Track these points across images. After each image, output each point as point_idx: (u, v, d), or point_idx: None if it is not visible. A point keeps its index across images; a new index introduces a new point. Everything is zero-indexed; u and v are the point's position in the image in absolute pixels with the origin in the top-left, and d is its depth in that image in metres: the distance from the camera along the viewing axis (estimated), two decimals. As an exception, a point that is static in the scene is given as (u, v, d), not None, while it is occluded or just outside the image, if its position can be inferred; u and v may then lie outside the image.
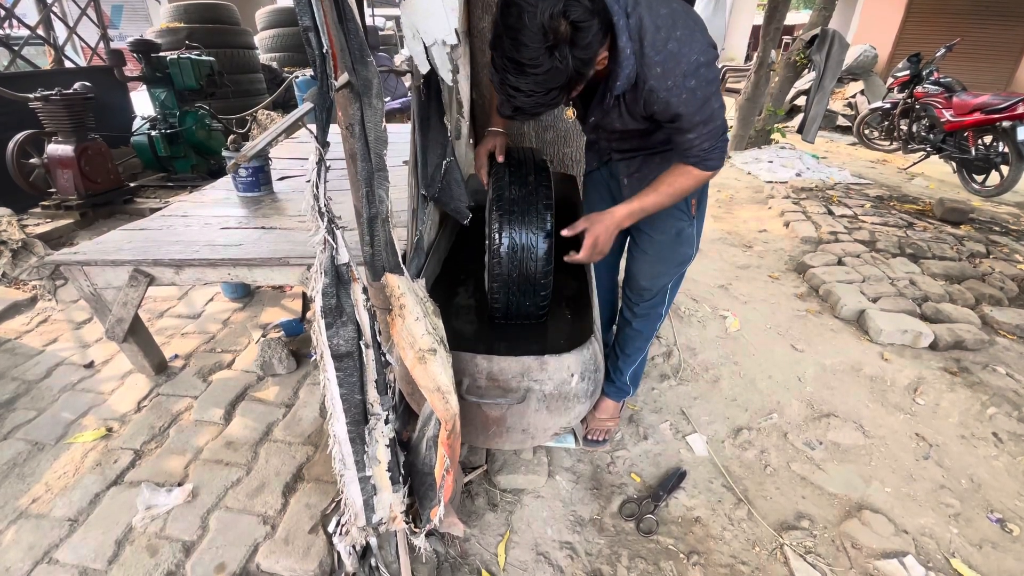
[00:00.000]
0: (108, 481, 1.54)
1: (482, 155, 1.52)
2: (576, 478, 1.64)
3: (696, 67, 1.02)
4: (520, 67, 0.92)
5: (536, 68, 0.91)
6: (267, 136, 0.72)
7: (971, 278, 2.88)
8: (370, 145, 0.83)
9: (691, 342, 2.33)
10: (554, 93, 0.97)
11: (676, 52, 1.01)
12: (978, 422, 1.93)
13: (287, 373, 1.97)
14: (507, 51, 0.92)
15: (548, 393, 1.19)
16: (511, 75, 0.94)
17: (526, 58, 0.90)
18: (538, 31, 0.88)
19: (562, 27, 0.88)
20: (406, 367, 1.25)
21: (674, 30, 1.01)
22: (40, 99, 2.98)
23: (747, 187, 4.68)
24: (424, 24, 0.94)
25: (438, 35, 0.96)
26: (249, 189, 2.24)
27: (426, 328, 0.95)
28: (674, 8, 1.04)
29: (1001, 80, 9.21)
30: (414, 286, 0.96)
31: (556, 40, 0.89)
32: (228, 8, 5.24)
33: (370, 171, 0.85)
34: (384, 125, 0.84)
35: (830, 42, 4.76)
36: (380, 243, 0.90)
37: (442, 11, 0.92)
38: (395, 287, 0.92)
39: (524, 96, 0.97)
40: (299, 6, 0.71)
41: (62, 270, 1.67)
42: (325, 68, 0.75)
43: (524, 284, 1.34)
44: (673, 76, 1.02)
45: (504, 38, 0.91)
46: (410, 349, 0.95)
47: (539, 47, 0.89)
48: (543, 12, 0.86)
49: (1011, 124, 4.14)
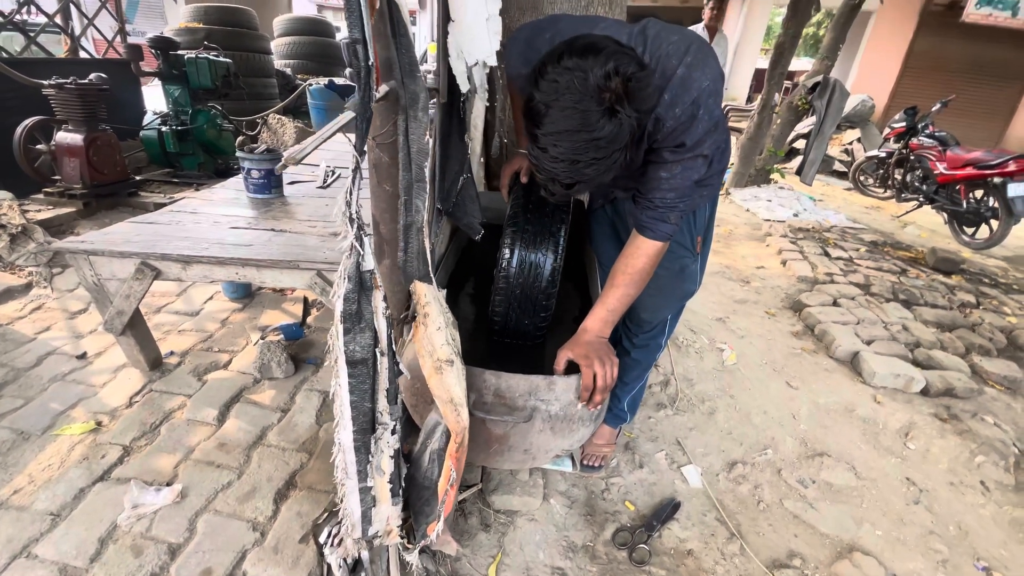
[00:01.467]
0: (94, 476, 1.50)
1: (507, 174, 1.52)
2: (570, 503, 1.63)
3: (707, 95, 0.98)
4: (575, 135, 0.85)
5: (597, 132, 0.85)
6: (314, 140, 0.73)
7: (962, 327, 2.93)
8: (412, 156, 0.85)
9: (688, 372, 2.34)
10: (617, 155, 0.90)
11: (686, 77, 0.97)
12: (967, 470, 1.95)
13: (284, 377, 1.95)
14: (559, 123, 0.85)
15: (553, 414, 1.19)
16: (564, 148, 0.87)
17: (582, 125, 0.84)
18: (593, 93, 0.83)
19: (616, 84, 0.83)
20: (411, 379, 1.25)
21: (685, 55, 0.98)
22: (55, 86, 2.99)
23: (746, 223, 4.77)
24: (468, 45, 0.97)
25: (480, 56, 0.98)
26: (260, 191, 2.25)
27: (446, 338, 0.96)
28: (685, 35, 1.02)
29: (992, 138, 9.55)
30: (439, 295, 0.97)
31: (614, 98, 0.84)
32: (248, 13, 5.33)
33: (410, 181, 0.86)
34: (427, 138, 0.86)
35: (831, 90, 4.92)
36: (413, 251, 0.91)
37: (486, 35, 0.95)
38: (422, 295, 0.93)
39: (584, 166, 0.89)
40: (350, 18, 0.73)
41: (67, 258, 1.66)
42: (369, 80, 0.77)
43: (526, 303, 1.36)
44: (682, 104, 0.98)
45: (551, 110, 0.85)
46: (429, 358, 0.96)
47: (596, 110, 0.84)
48: (595, 72, 0.82)
49: (1002, 180, 4.28)
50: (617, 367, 1.16)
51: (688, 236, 1.42)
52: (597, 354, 1.13)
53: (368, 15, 0.75)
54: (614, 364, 1.15)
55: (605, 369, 1.12)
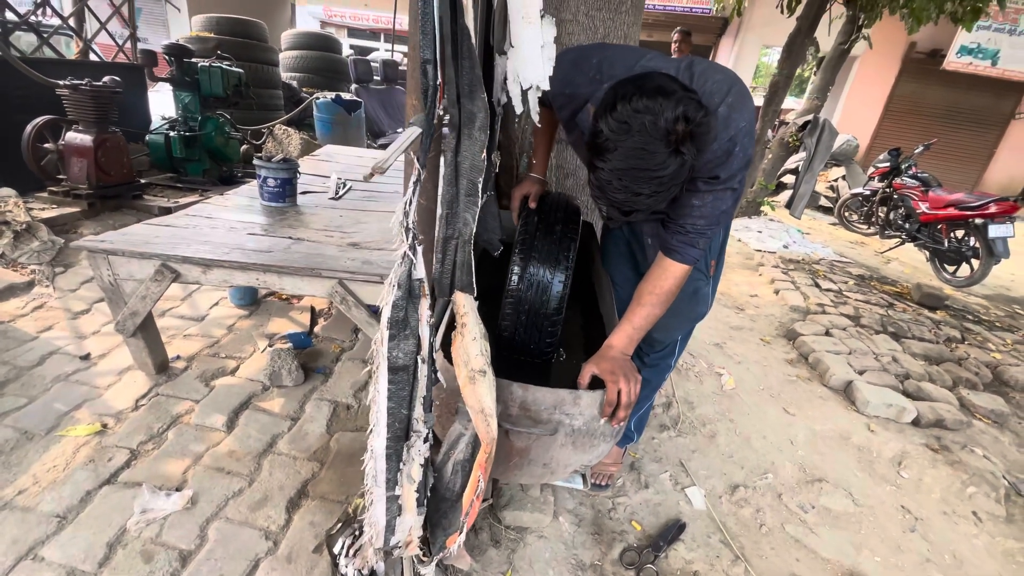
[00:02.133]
0: (101, 479, 1.48)
1: (517, 197, 1.56)
2: (579, 521, 1.64)
3: (743, 134, 1.06)
4: (643, 172, 0.92)
5: (664, 170, 0.91)
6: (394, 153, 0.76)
7: (948, 361, 3.03)
8: (462, 171, 0.89)
9: (689, 396, 2.38)
10: (675, 187, 0.97)
11: (726, 116, 1.04)
12: (959, 500, 2.00)
13: (294, 386, 1.94)
14: (627, 161, 0.91)
15: (577, 428, 1.21)
16: (630, 182, 0.93)
17: (653, 164, 0.91)
18: (662, 137, 0.89)
19: (682, 128, 0.89)
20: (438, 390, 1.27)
21: (727, 96, 1.05)
22: (69, 87, 2.99)
23: (738, 253, 4.89)
24: (524, 71, 1.03)
25: (534, 80, 1.04)
26: (275, 199, 2.27)
27: (480, 348, 0.98)
28: (728, 75, 1.10)
29: (970, 180, 9.97)
30: (475, 306, 1.00)
31: (679, 138, 0.90)
32: (258, 25, 5.41)
33: (454, 195, 0.90)
34: (483, 156, 0.90)
35: (821, 129, 5.13)
36: (450, 262, 0.95)
37: (540, 60, 1.01)
38: (461, 305, 0.96)
39: (646, 198, 0.96)
40: (424, 40, 0.78)
41: (85, 256, 1.66)
42: (435, 98, 0.81)
43: (533, 323, 1.39)
44: (720, 140, 1.05)
45: (620, 148, 0.91)
46: (464, 367, 0.98)
47: (665, 151, 0.90)
48: (665, 116, 0.88)
49: (983, 222, 4.47)
50: (640, 385, 1.19)
51: (703, 260, 1.48)
52: (623, 370, 1.15)
53: (439, 38, 0.80)
54: (638, 381, 1.18)
55: (630, 386, 1.15)
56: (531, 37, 0.98)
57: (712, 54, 12.23)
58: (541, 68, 1.02)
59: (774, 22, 5.07)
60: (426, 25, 0.77)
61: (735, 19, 10.77)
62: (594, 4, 2.04)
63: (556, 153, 2.30)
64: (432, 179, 1.24)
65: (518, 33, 0.98)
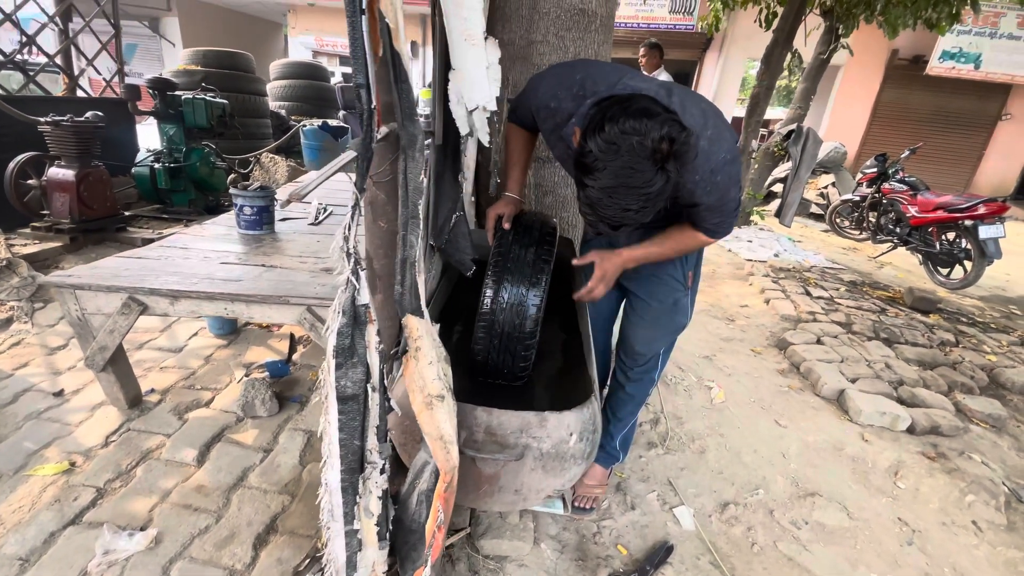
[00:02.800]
0: (66, 520, 1.44)
1: (491, 217, 1.55)
2: (562, 547, 1.59)
3: (724, 164, 1.12)
4: (632, 190, 0.97)
5: (651, 187, 0.97)
6: (317, 179, 0.75)
7: (943, 365, 2.99)
8: (409, 194, 0.87)
9: (678, 411, 2.34)
10: (659, 202, 1.03)
11: (707, 150, 1.10)
12: (958, 509, 1.94)
13: (268, 416, 1.90)
14: (617, 178, 0.97)
15: (545, 452, 1.18)
16: (619, 198, 0.99)
17: (641, 182, 0.96)
18: (649, 156, 0.94)
19: (667, 147, 0.95)
20: (401, 416, 1.24)
21: (705, 129, 1.10)
22: (50, 123, 3.02)
23: (728, 263, 4.87)
24: (469, 92, 1.02)
25: (480, 101, 1.04)
26: (252, 227, 2.27)
27: (438, 373, 0.96)
28: (704, 108, 1.15)
29: (961, 182, 10.01)
30: (432, 330, 0.97)
31: (663, 157, 0.96)
32: (245, 56, 5.49)
33: (407, 217, 0.88)
34: (422, 177, 0.89)
35: (805, 137, 5.15)
36: (407, 285, 0.93)
37: (486, 82, 1.00)
38: (414, 329, 0.94)
39: (633, 213, 1.02)
40: (355, 65, 0.77)
41: (52, 292, 1.63)
42: (371, 122, 0.80)
43: (508, 344, 1.36)
44: (702, 171, 1.11)
45: (609, 166, 0.96)
46: (419, 393, 0.95)
47: (652, 170, 0.96)
48: (652, 136, 0.93)
49: (973, 223, 4.46)
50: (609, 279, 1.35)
51: (680, 271, 1.48)
52: (611, 270, 1.33)
53: (372, 62, 0.79)
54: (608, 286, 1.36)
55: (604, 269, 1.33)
56: (475, 58, 0.98)
57: (698, 69, 12.40)
58: (487, 89, 1.02)
59: (758, 35, 5.14)
60: (356, 50, 0.76)
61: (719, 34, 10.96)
62: (563, 24, 2.06)
63: (534, 171, 2.29)
64: (392, 202, 1.23)
65: (461, 54, 0.98)
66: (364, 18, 0.75)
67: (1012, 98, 9.50)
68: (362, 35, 0.76)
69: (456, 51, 0.97)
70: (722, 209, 1.22)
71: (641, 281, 1.53)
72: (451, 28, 0.94)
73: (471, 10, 1.03)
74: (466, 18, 1.03)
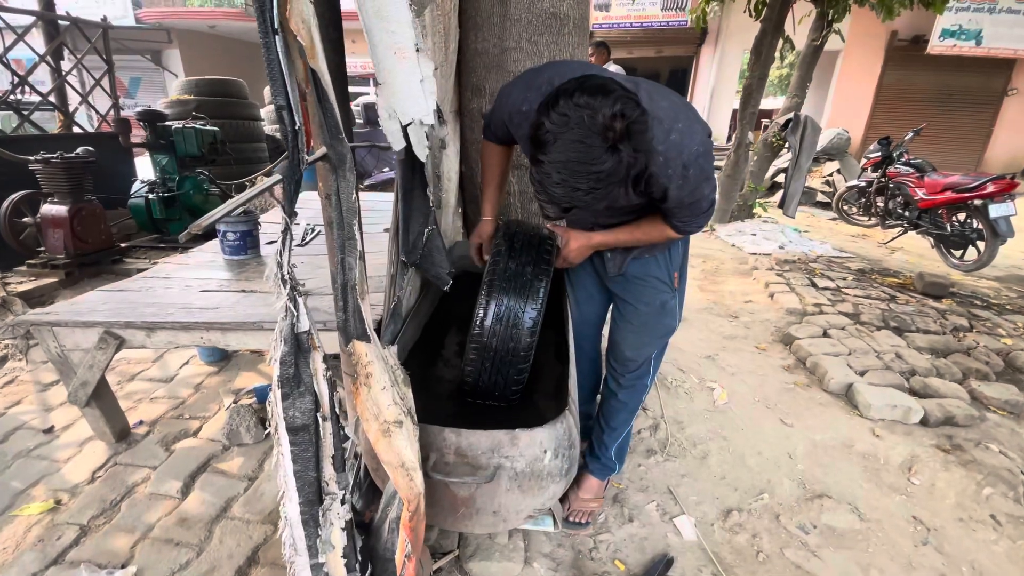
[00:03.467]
0: (48, 560, 1.42)
1: (474, 246, 1.59)
2: (556, 565, 1.53)
3: (695, 157, 1.09)
4: (581, 166, 0.94)
5: (600, 165, 0.93)
6: (226, 207, 0.73)
7: (956, 352, 2.87)
8: (344, 215, 0.84)
9: (678, 415, 2.27)
10: (613, 187, 0.99)
11: (678, 143, 1.07)
12: (975, 503, 1.85)
13: (254, 443, 1.88)
14: (565, 153, 0.94)
15: (520, 471, 1.13)
16: (567, 175, 0.96)
17: (589, 158, 0.93)
18: (599, 131, 0.91)
19: (620, 125, 0.92)
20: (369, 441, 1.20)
21: (675, 122, 1.07)
22: (40, 161, 3.06)
23: (731, 258, 4.78)
24: (401, 105, 0.99)
25: (415, 115, 1.00)
26: (236, 252, 2.26)
27: (393, 398, 0.92)
28: (673, 101, 1.12)
29: (970, 162, 9.78)
30: (384, 353, 0.94)
31: (616, 136, 0.92)
32: (237, 83, 5.56)
33: (343, 239, 0.85)
34: (355, 196, 0.86)
35: (803, 125, 5.06)
36: (349, 310, 0.89)
37: (421, 95, 0.97)
38: (362, 355, 0.90)
39: (583, 194, 0.98)
40: (274, 86, 0.74)
41: (31, 330, 1.63)
42: (296, 143, 0.77)
43: (501, 364, 1.31)
44: (674, 165, 1.08)
45: (558, 141, 0.93)
46: (374, 421, 0.91)
47: (602, 147, 0.92)
48: (603, 112, 0.90)
49: (983, 202, 4.32)
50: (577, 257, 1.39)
51: (666, 272, 1.44)
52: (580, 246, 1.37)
53: (291, 83, 0.76)
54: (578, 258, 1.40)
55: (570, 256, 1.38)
56: (406, 72, 0.94)
57: (694, 64, 12.33)
58: (423, 102, 0.99)
59: (754, 27, 5.07)
60: (273, 71, 0.73)
61: (714, 28, 10.88)
62: (536, 30, 2.03)
63: (518, 178, 2.26)
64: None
65: (389, 68, 0.95)
66: (278, 38, 0.72)
67: (1017, 73, 9.28)
68: (277, 56, 0.73)
69: (382, 65, 0.93)
70: (692, 207, 1.18)
71: (627, 284, 1.48)
72: (375, 42, 0.91)
73: (398, 23, 0.99)
74: (393, 31, 0.99)
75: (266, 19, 0.71)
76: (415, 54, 0.92)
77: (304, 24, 0.69)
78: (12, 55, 4.04)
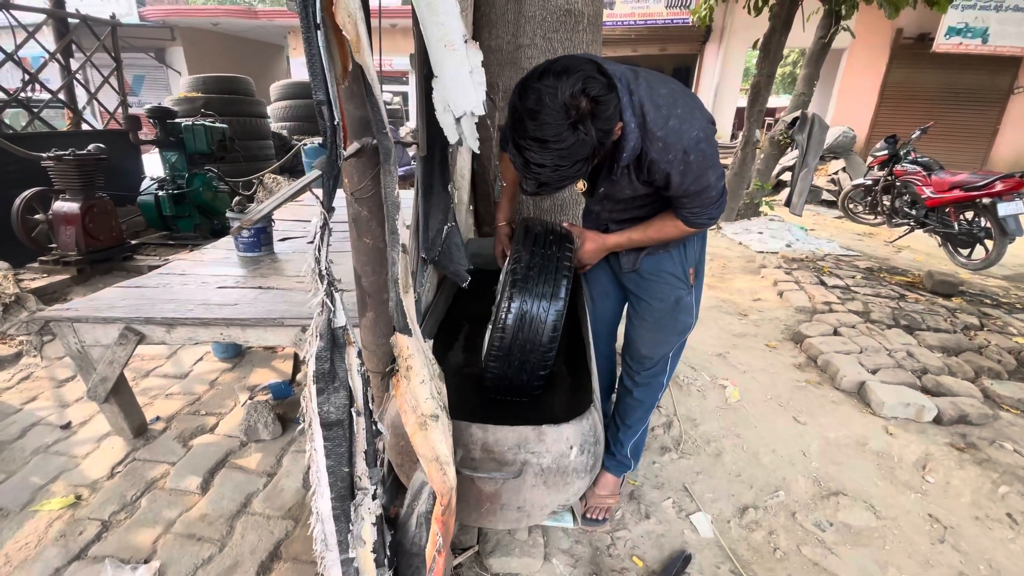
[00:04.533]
0: (71, 555, 1.43)
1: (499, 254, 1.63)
2: (575, 561, 1.53)
3: (696, 142, 1.09)
4: (545, 144, 0.97)
5: (561, 143, 0.96)
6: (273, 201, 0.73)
7: (968, 351, 2.87)
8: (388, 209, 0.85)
9: (691, 412, 2.27)
10: (579, 165, 1.02)
11: (677, 129, 1.08)
12: (991, 502, 1.85)
13: (272, 439, 1.88)
14: (530, 131, 0.97)
15: (545, 467, 1.13)
16: (535, 153, 0.99)
17: (551, 135, 0.95)
18: (560, 109, 0.94)
19: (583, 103, 0.94)
20: (396, 436, 1.20)
21: (674, 108, 1.08)
22: (53, 158, 3.07)
23: (739, 256, 4.77)
24: (454, 98, 1.00)
25: (467, 107, 1.02)
26: (250, 249, 2.26)
27: (431, 392, 0.92)
28: (673, 88, 1.12)
29: (976, 160, 9.75)
30: (424, 347, 0.94)
31: (579, 115, 0.95)
32: (244, 80, 5.56)
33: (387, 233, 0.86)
34: (396, 191, 0.86)
35: (811, 124, 5.05)
36: (392, 303, 0.90)
37: (471, 86, 0.98)
38: (404, 347, 0.90)
39: (550, 171, 1.01)
40: (314, 81, 0.74)
41: (51, 326, 1.64)
42: (335, 138, 0.77)
43: (524, 359, 1.31)
44: (674, 150, 1.08)
45: (526, 120, 0.97)
46: (412, 413, 0.92)
47: (563, 123, 0.95)
48: (563, 91, 0.93)
49: (991, 200, 4.31)
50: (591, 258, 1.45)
51: (681, 268, 1.43)
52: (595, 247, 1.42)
53: (331, 79, 0.76)
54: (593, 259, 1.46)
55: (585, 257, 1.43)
56: (456, 63, 0.96)
57: (698, 62, 12.30)
58: (473, 94, 1.00)
59: (758, 24, 5.06)
60: (314, 66, 0.73)
61: (718, 25, 10.85)
62: (551, 26, 2.03)
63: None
64: (376, 217, 1.20)
65: (440, 61, 0.96)
66: (320, 33, 0.73)
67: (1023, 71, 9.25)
68: (319, 51, 0.73)
69: (436, 58, 0.95)
70: (700, 196, 1.19)
71: (640, 281, 1.48)
72: (428, 35, 0.92)
73: (447, 15, 1.00)
74: (442, 23, 1.01)
75: (308, 14, 0.71)
76: (464, 45, 0.93)
77: (351, 18, 0.70)
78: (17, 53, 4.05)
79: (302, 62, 7.92)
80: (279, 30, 13.53)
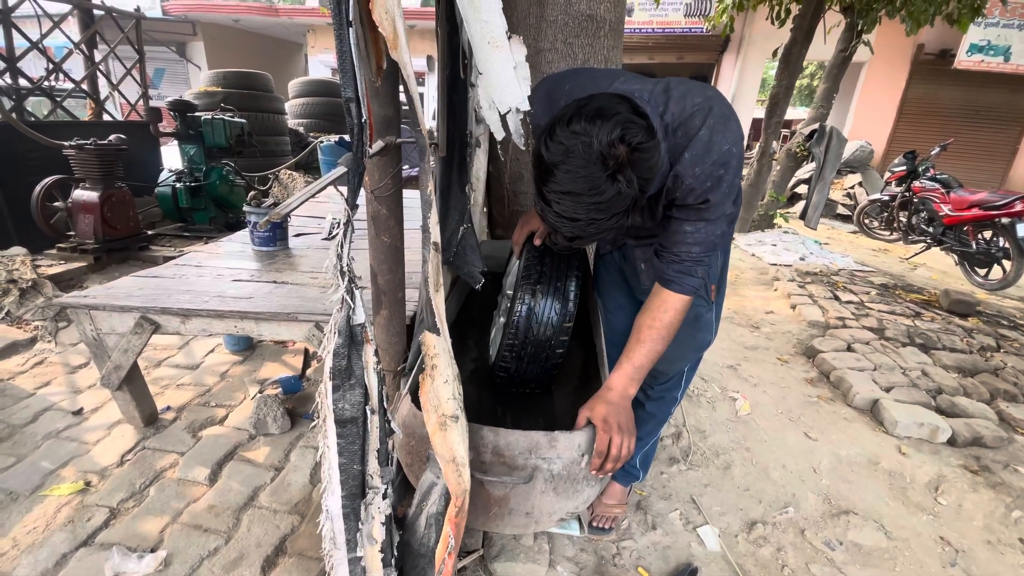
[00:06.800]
0: (78, 541, 1.43)
1: (524, 232, 1.47)
2: (579, 570, 1.52)
3: (729, 155, 1.00)
4: (578, 197, 0.87)
5: (599, 196, 0.87)
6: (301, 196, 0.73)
7: (984, 372, 2.82)
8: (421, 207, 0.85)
9: (700, 424, 2.25)
10: (617, 217, 0.91)
11: (708, 140, 0.99)
12: (1004, 526, 1.81)
13: (280, 433, 1.89)
14: (562, 184, 0.87)
15: (556, 473, 1.12)
16: (567, 205, 0.89)
17: (585, 188, 0.86)
18: (597, 160, 0.84)
19: (622, 152, 0.85)
20: (407, 436, 1.20)
21: (707, 118, 0.99)
22: (74, 147, 3.11)
23: (752, 268, 4.74)
24: (499, 95, 1.00)
25: (512, 103, 1.01)
26: (265, 244, 2.28)
27: (452, 392, 0.92)
28: (709, 96, 1.03)
29: (995, 179, 9.61)
30: (448, 346, 0.94)
31: (618, 165, 0.85)
32: (264, 76, 5.62)
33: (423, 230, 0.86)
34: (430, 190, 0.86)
35: (829, 137, 5.01)
36: (422, 301, 0.90)
37: (515, 82, 0.98)
38: (431, 346, 0.90)
39: (584, 224, 0.91)
40: (343, 79, 0.74)
41: (68, 313, 1.66)
42: (362, 136, 0.77)
43: (534, 358, 1.32)
44: (702, 164, 1.00)
45: (556, 171, 0.87)
46: (434, 412, 0.91)
47: (600, 175, 0.85)
48: (600, 139, 0.84)
49: (1010, 221, 4.25)
50: (635, 438, 1.12)
51: (703, 284, 1.39)
52: (618, 419, 1.09)
53: (361, 76, 0.76)
54: (633, 435, 1.11)
55: (622, 439, 1.08)
56: (501, 60, 0.95)
57: (715, 71, 12.25)
58: (518, 89, 0.99)
59: (776, 35, 5.04)
60: (344, 63, 0.73)
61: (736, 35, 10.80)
62: (572, 31, 2.03)
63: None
64: (395, 215, 1.20)
65: (485, 59, 0.96)
66: (352, 31, 0.73)
67: (1047, 90, 9.10)
68: (350, 48, 0.73)
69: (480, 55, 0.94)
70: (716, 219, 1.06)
71: None
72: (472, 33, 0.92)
73: (489, 12, 0.99)
74: (486, 21, 1.00)
75: (341, 11, 0.71)
76: (507, 42, 0.93)
77: (388, 15, 0.70)
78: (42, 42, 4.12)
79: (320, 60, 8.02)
80: (299, 28, 13.66)
